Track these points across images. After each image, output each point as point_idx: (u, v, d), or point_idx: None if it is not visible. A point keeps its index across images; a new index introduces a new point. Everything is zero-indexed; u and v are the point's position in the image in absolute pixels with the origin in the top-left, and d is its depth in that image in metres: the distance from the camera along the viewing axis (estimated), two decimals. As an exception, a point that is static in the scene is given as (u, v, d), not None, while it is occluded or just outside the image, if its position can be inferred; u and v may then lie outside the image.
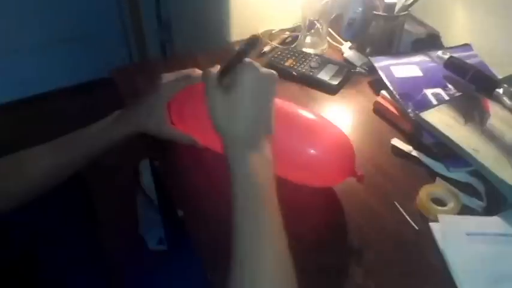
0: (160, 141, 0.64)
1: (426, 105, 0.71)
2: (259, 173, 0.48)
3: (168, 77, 0.64)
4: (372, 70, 0.83)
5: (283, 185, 0.48)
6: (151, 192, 1.39)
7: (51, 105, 1.83)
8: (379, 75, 0.78)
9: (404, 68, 0.79)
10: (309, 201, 0.60)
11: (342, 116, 0.77)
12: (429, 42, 0.88)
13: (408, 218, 0.58)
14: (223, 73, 0.50)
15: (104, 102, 0.81)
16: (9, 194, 0.58)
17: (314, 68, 0.83)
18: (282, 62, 0.85)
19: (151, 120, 0.63)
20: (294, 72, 0.83)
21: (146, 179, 1.39)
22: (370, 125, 0.74)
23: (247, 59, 0.49)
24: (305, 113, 0.59)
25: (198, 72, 0.64)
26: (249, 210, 0.46)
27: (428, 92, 0.74)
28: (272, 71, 0.50)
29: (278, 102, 0.56)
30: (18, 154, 0.60)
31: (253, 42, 0.48)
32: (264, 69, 0.49)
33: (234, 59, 0.49)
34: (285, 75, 0.84)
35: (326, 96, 0.81)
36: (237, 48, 0.51)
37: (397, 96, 0.73)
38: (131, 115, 0.64)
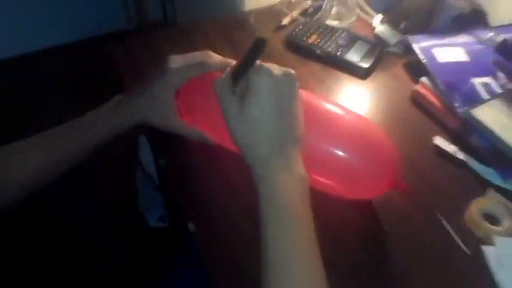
0: (165, 134, 0.54)
1: (474, 98, 0.61)
2: (290, 196, 0.40)
3: (177, 61, 0.53)
4: (408, 50, 0.72)
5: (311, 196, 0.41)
6: (150, 168, 1.31)
7: (43, 64, 1.71)
8: (417, 56, 0.68)
9: (448, 51, 0.68)
10: (341, 215, 0.51)
11: (373, 105, 0.66)
12: (473, 19, 0.76)
13: (457, 239, 0.50)
14: (235, 80, 0.43)
15: (96, 64, 0.72)
16: None
17: (341, 46, 0.72)
18: (305, 39, 0.74)
19: (158, 112, 0.54)
20: (318, 51, 0.72)
21: (145, 155, 1.30)
22: (407, 118, 0.64)
23: (257, 64, 0.42)
24: (340, 111, 0.49)
25: (215, 58, 0.53)
26: (280, 240, 0.39)
27: (476, 82, 0.63)
28: (289, 70, 0.42)
29: (305, 96, 0.47)
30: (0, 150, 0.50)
31: (258, 46, 0.41)
32: (279, 71, 0.42)
33: (243, 64, 0.42)
34: (307, 53, 0.73)
35: (354, 80, 0.70)
36: (244, 51, 0.43)
37: (441, 86, 0.63)
38: (133, 105, 0.54)
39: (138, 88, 0.55)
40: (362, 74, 0.70)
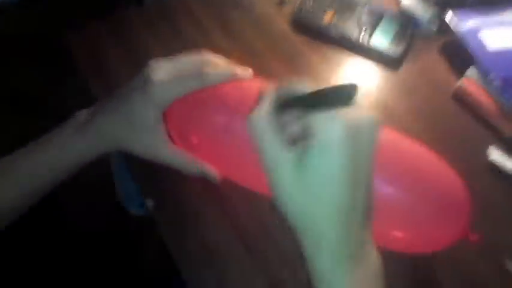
0: (154, 166, 0.41)
1: (538, 97, 0.49)
2: None
3: (163, 69, 0.39)
4: (443, 28, 0.58)
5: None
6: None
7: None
8: (456, 37, 0.54)
9: (502, 34, 0.54)
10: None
11: (405, 106, 0.53)
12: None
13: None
14: (283, 107, 0.30)
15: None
16: None
17: (364, 26, 0.57)
18: (317, 19, 0.58)
19: (141, 139, 0.40)
20: (333, 33, 0.57)
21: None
22: (450, 122, 0.52)
23: (333, 111, 0.27)
24: (402, 144, 0.37)
25: (216, 64, 0.39)
26: None
27: (537, 75, 0.51)
28: (369, 114, 0.28)
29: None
30: None
31: (345, 92, 0.27)
32: (357, 116, 0.27)
33: (307, 101, 0.29)
34: (319, 35, 0.58)
35: (380, 71, 0.56)
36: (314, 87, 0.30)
37: (495, 82, 0.50)
38: (107, 128, 0.40)
39: (112, 104, 0.40)
40: (392, 65, 0.56)
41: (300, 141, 0.28)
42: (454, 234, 0.36)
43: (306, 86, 0.30)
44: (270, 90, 0.31)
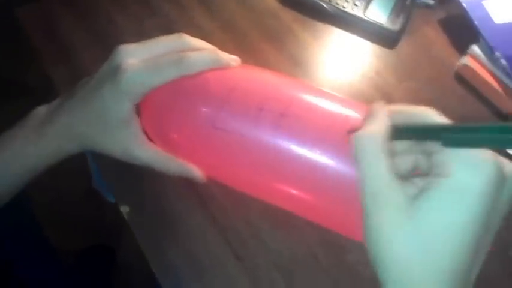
0: (129, 167, 0.36)
1: (547, 76, 0.46)
2: None
3: (134, 55, 0.34)
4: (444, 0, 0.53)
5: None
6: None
7: None
8: (458, 10, 0.50)
9: (508, 5, 0.50)
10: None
11: (405, 86, 0.49)
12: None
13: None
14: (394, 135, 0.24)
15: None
16: None
17: (358, 1, 0.52)
18: (308, -11, 0.53)
19: (112, 137, 0.35)
20: (326, 7, 0.52)
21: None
22: (453, 103, 0.48)
23: (484, 153, 0.22)
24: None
25: (197, 51, 0.34)
26: None
27: (546, 51, 0.47)
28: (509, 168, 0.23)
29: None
30: None
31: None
32: (507, 165, 0.22)
33: (451, 132, 0.22)
34: (311, 10, 0.53)
35: (378, 48, 0.52)
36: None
37: (501, 60, 0.46)
38: (70, 127, 0.35)
39: (75, 98, 0.35)
40: (391, 40, 0.51)
41: (409, 177, 0.23)
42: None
43: (433, 116, 0.24)
44: (381, 110, 0.25)
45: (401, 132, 0.24)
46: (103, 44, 0.47)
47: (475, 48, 0.48)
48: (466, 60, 0.48)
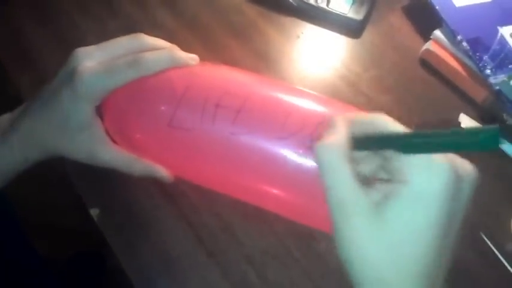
0: (96, 169, 0.36)
1: (508, 57, 0.46)
2: None
3: (90, 57, 0.34)
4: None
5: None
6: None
7: None
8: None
9: (466, -11, 0.51)
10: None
11: (370, 75, 0.49)
12: None
13: (508, 266, 0.39)
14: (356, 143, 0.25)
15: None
16: None
17: (321, -10, 0.52)
18: (270, -17, 0.53)
19: (74, 142, 0.35)
20: (292, 2, 0.52)
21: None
22: (418, 89, 0.49)
23: (438, 157, 0.22)
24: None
25: (154, 46, 0.35)
26: None
27: (506, 33, 0.48)
28: (472, 167, 0.24)
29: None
30: None
31: (489, 138, 0.19)
32: (462, 166, 0.23)
33: (404, 141, 0.23)
34: (275, 4, 0.53)
35: (342, 39, 0.52)
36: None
37: (463, 44, 0.47)
38: (33, 134, 0.35)
39: (36, 104, 0.35)
40: (355, 30, 0.52)
41: (372, 183, 0.24)
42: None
43: (387, 124, 0.25)
44: (342, 119, 0.26)
45: (360, 142, 0.25)
46: (68, 49, 0.47)
47: (438, 33, 0.49)
48: (429, 45, 0.49)
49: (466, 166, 0.24)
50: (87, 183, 0.40)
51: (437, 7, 0.48)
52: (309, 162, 0.31)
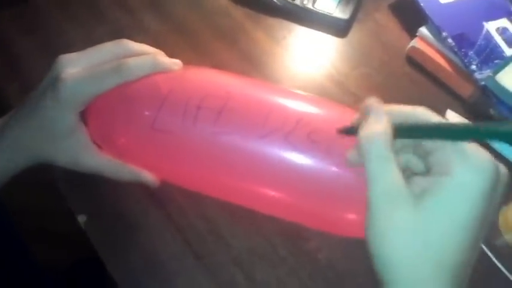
0: (82, 175, 0.36)
1: (495, 53, 0.46)
2: None
3: (74, 64, 0.34)
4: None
5: None
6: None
7: None
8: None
9: (451, -14, 0.51)
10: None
11: (358, 71, 0.50)
12: None
13: (496, 261, 0.39)
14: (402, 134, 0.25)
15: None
16: None
17: (307, -10, 0.53)
18: (256, -15, 0.53)
19: (59, 148, 0.36)
20: (276, 2, 0.52)
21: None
22: (405, 87, 0.49)
23: (485, 152, 0.23)
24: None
25: (137, 52, 0.35)
26: None
27: (492, 28, 0.48)
28: (505, 170, 0.24)
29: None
30: None
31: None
32: (500, 165, 0.24)
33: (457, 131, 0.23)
34: (262, 5, 0.53)
35: (329, 38, 0.52)
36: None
37: (448, 40, 0.47)
38: (20, 141, 0.35)
39: (22, 112, 0.36)
40: (341, 29, 0.52)
41: (411, 175, 0.24)
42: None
43: (431, 116, 0.25)
44: (380, 108, 0.26)
45: (402, 131, 0.24)
46: (56, 55, 0.47)
47: (424, 30, 0.49)
48: (415, 42, 0.49)
49: (502, 168, 0.24)
50: (73, 190, 0.40)
51: (422, 4, 0.49)
52: (292, 159, 0.31)
